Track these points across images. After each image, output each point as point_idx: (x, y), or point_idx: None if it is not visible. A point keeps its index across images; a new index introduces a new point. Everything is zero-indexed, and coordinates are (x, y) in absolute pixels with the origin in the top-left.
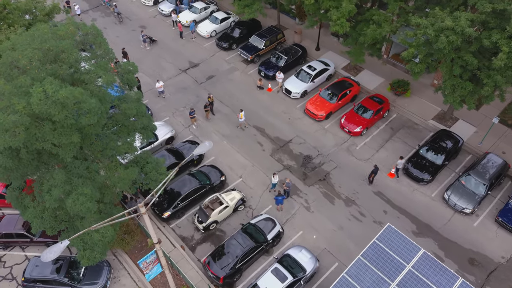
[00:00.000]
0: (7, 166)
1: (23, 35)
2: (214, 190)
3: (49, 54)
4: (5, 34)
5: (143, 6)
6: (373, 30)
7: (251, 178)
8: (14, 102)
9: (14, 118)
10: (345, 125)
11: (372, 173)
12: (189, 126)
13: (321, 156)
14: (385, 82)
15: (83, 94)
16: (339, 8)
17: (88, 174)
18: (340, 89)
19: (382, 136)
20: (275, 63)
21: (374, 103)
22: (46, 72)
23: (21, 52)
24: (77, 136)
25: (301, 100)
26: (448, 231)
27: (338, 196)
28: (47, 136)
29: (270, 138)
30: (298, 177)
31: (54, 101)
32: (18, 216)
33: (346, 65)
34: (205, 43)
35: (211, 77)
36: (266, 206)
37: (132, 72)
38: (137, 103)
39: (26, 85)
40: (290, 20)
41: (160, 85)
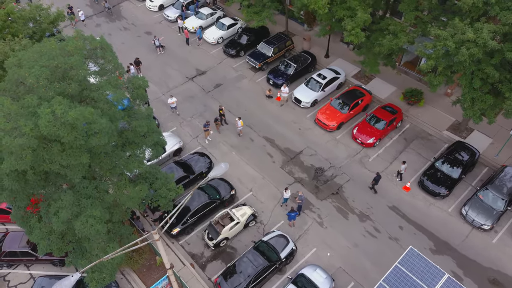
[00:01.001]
0: (13, 188)
1: (30, 51)
2: (224, 205)
3: (57, 72)
4: (10, 45)
5: (148, 11)
6: (389, 40)
7: (262, 191)
8: (21, 124)
9: (21, 141)
10: (358, 136)
11: (373, 180)
12: (197, 136)
13: (333, 169)
14: (397, 91)
15: (93, 114)
16: (354, 17)
17: (97, 194)
18: (351, 99)
19: (396, 147)
20: (284, 71)
21: (387, 113)
22: (54, 91)
23: (28, 70)
24: (86, 157)
25: (311, 109)
26: (467, 248)
27: (351, 211)
28: (55, 157)
29: (280, 149)
30: (310, 191)
31: (63, 122)
32: (22, 233)
33: (356, 73)
34: (212, 50)
35: (219, 85)
36: (277, 221)
37: (142, 87)
38: (148, 119)
39: (33, 105)
40: (298, 26)
41: (173, 101)
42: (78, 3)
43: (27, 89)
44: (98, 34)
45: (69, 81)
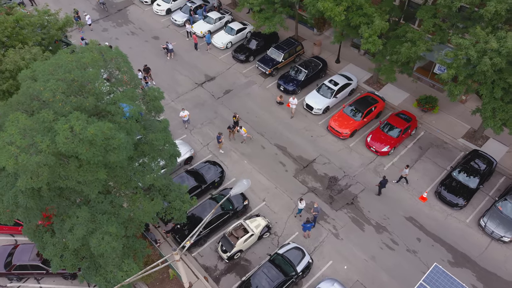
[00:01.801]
0: (28, 205)
1: (45, 63)
2: (237, 216)
3: (73, 85)
4: (20, 54)
5: (155, 15)
6: (407, 48)
7: (275, 201)
8: (37, 141)
9: (37, 158)
10: (372, 144)
11: (379, 183)
12: (207, 144)
13: (348, 178)
14: (411, 97)
15: (111, 129)
16: (370, 24)
17: (112, 209)
18: (364, 106)
19: (411, 155)
20: (294, 77)
21: (402, 120)
22: (71, 105)
23: (43, 84)
24: (104, 172)
25: (323, 116)
26: (486, 261)
27: (367, 222)
28: (72, 174)
29: (292, 158)
30: (325, 201)
31: (82, 139)
32: (32, 245)
33: (368, 78)
34: (221, 55)
35: (228, 91)
36: (292, 232)
37: (158, 98)
38: (165, 132)
39: (49, 120)
40: (308, 30)
41: (185, 114)
42: (84, 7)
43: (42, 103)
44: (106, 38)
45: (86, 94)
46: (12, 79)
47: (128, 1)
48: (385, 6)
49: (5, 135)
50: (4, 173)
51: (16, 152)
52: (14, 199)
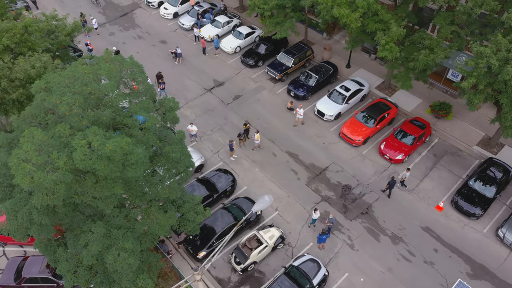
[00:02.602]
0: (43, 222)
1: (60, 76)
2: (250, 226)
3: (90, 99)
4: (30, 62)
5: (162, 19)
6: (425, 55)
7: (288, 211)
8: (53, 157)
9: (54, 176)
10: (385, 152)
11: (387, 185)
12: (218, 151)
13: (361, 186)
14: (423, 103)
15: (129, 144)
16: (386, 31)
17: (127, 224)
18: (377, 112)
19: (425, 163)
20: (305, 83)
21: (416, 127)
22: (88, 119)
23: (59, 97)
24: (120, 188)
25: (334, 122)
26: (505, 273)
27: (383, 232)
28: (89, 189)
29: (304, 165)
30: (339, 210)
31: (100, 155)
32: (42, 257)
33: (380, 84)
34: (229, 60)
35: (238, 97)
36: (306, 243)
37: (173, 109)
38: (181, 144)
39: (65, 134)
40: (317, 34)
41: (192, 129)
42: (90, 10)
43: (57, 117)
44: (113, 42)
45: (103, 107)
46: (22, 87)
47: (134, 5)
48: (401, 12)
49: (21, 152)
50: (17, 189)
51: (31, 169)
52: (28, 216)
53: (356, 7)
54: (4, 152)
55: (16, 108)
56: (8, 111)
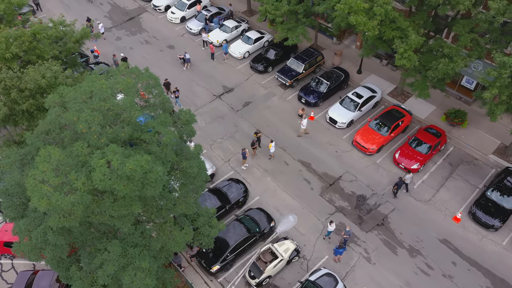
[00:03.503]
0: (58, 243)
1: (77, 91)
2: (263, 238)
3: (108, 115)
4: (40, 72)
5: (169, 24)
6: (445, 64)
7: (302, 222)
8: (71, 178)
9: (72, 198)
10: (400, 161)
11: (395, 185)
12: (229, 160)
13: (376, 196)
14: (437, 110)
15: (149, 162)
16: (404, 38)
17: (143, 241)
18: (391, 120)
19: (441, 173)
20: (316, 89)
21: (431, 136)
22: (106, 137)
23: (76, 113)
24: (138, 206)
25: (347, 130)
26: None
27: (400, 245)
28: (106, 209)
29: (317, 175)
30: (354, 221)
31: (120, 175)
32: (52, 272)
33: (392, 90)
34: (238, 65)
35: (248, 103)
36: (321, 256)
37: (190, 122)
38: (198, 159)
39: (83, 153)
40: (327, 39)
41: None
42: (96, 14)
43: (73, 133)
44: (119, 48)
45: (122, 124)
46: (32, 98)
47: (141, 8)
48: (418, 19)
49: (37, 172)
50: (31, 207)
51: (49, 191)
52: (43, 237)
53: (373, 14)
54: (16, 169)
55: (26, 119)
56: (18, 122)
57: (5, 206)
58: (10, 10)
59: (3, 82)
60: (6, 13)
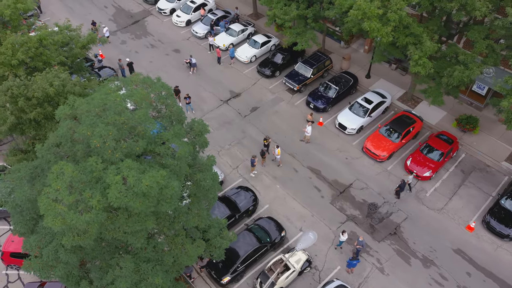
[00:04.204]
0: (70, 261)
1: (90, 104)
2: (274, 248)
3: (123, 129)
4: (47, 79)
5: (174, 27)
6: (460, 71)
7: (313, 231)
8: (86, 196)
9: (87, 217)
10: (412, 168)
11: (398, 187)
12: (237, 166)
13: (388, 205)
14: (448, 116)
15: (165, 178)
16: (418, 45)
17: (155, 256)
18: (402, 126)
19: (453, 180)
20: (325, 94)
21: (443, 143)
22: (121, 152)
23: (90, 127)
24: (152, 221)
25: (357, 136)
26: None
27: (413, 255)
28: (121, 226)
29: (327, 182)
30: (366, 230)
31: (136, 192)
32: (60, 285)
33: (402, 95)
34: (245, 70)
35: (255, 108)
36: (333, 266)
37: (203, 133)
38: (212, 171)
39: (98, 169)
40: (334, 43)
41: None
42: (100, 17)
43: (85, 146)
44: (125, 52)
45: (136, 137)
46: (40, 106)
47: (145, 12)
48: (432, 25)
49: (51, 190)
50: (41, 223)
51: (63, 210)
52: (54, 254)
53: (387, 20)
54: (27, 183)
55: (33, 128)
56: (25, 131)
57: (15, 221)
58: (16, 16)
59: (10, 90)
60: (12, 18)
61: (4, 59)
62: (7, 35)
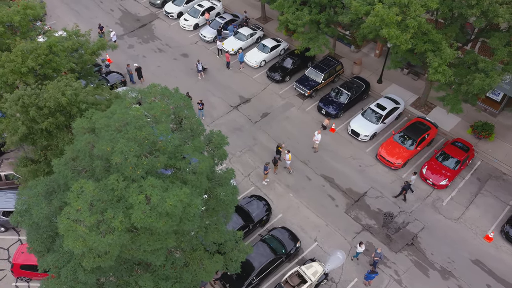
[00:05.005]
0: (89, 281)
1: (110, 118)
2: (289, 259)
3: (144, 144)
4: (59, 88)
5: (182, 31)
6: (481, 80)
7: (328, 241)
8: (108, 217)
9: (110, 240)
10: (428, 176)
11: (403, 190)
12: (249, 174)
13: (404, 214)
14: (462, 122)
15: (188, 195)
16: (437, 52)
17: (174, 273)
18: (417, 133)
19: (469, 189)
20: (336, 100)
21: (460, 150)
22: (142, 168)
23: (110, 143)
24: (173, 240)
25: (370, 143)
26: None
27: (431, 266)
28: (141, 245)
29: (341, 190)
30: (382, 241)
31: (160, 212)
32: None
33: (414, 100)
34: (255, 74)
35: (266, 114)
36: (350, 278)
37: (222, 145)
38: (231, 185)
39: (119, 187)
40: (344, 47)
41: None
42: (107, 21)
43: (105, 163)
44: (132, 56)
45: (157, 153)
46: (51, 116)
47: (152, 15)
48: (451, 32)
49: (71, 211)
50: (59, 242)
51: (84, 232)
52: (72, 275)
53: (406, 27)
54: (43, 200)
55: (45, 138)
56: (36, 141)
57: (31, 239)
58: (25, 22)
59: (21, 100)
60: (21, 24)
61: (14, 66)
62: (17, 41)
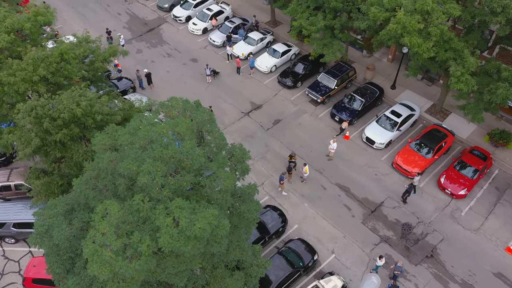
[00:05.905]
0: None
1: (133, 136)
2: (307, 272)
3: (170, 163)
4: (73, 99)
5: (190, 35)
6: (505, 89)
7: (345, 253)
8: (134, 240)
9: (137, 265)
10: (446, 186)
11: (406, 193)
12: (262, 183)
13: (422, 225)
14: (479, 130)
15: (216, 217)
16: (458, 60)
17: None
18: (434, 141)
19: (488, 198)
20: (350, 106)
21: (477, 159)
22: (169, 189)
23: (135, 162)
24: (198, 261)
25: (385, 151)
26: None
27: (452, 279)
28: (167, 268)
29: (357, 200)
30: (401, 253)
31: (188, 235)
32: None
33: (429, 107)
34: (265, 80)
35: (278, 121)
36: None
37: (244, 159)
38: (255, 201)
39: (145, 208)
40: (356, 52)
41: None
42: (114, 25)
43: (128, 180)
44: (141, 61)
45: (183, 172)
46: (65, 127)
47: (160, 19)
48: (472, 39)
49: (97, 234)
50: (80, 264)
51: (111, 257)
52: None
53: (428, 34)
54: (64, 220)
55: (58, 150)
56: (50, 152)
57: (51, 261)
58: (36, 29)
59: (34, 111)
60: (32, 31)
61: (25, 75)
62: (28, 49)
